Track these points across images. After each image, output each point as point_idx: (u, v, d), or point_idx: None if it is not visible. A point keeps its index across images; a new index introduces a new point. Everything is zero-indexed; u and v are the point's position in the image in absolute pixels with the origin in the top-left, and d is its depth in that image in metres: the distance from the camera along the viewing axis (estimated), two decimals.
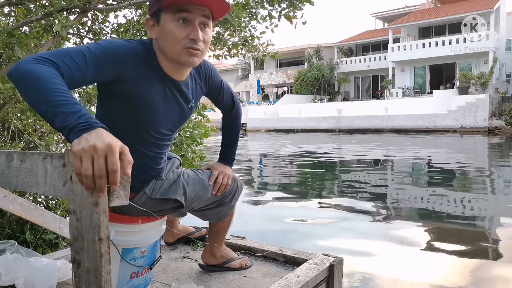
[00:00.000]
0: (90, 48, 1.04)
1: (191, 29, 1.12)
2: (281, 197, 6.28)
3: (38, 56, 0.92)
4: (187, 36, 1.12)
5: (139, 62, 1.14)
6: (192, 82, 1.32)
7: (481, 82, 22.09)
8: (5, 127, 2.56)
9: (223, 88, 1.50)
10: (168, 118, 1.27)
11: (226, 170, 1.54)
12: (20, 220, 2.34)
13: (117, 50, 1.09)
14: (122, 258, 1.27)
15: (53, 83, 0.85)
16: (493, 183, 7.33)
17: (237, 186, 1.58)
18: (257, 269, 1.71)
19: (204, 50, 1.18)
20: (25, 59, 0.90)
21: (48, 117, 0.83)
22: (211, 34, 1.19)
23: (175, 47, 1.13)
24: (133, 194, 1.29)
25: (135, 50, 1.13)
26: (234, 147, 1.66)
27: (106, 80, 1.10)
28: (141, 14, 2.88)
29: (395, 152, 12.87)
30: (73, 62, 0.97)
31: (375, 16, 34.38)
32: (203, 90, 1.40)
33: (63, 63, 0.94)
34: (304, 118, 26.21)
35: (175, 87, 1.24)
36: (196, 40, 1.13)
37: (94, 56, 1.02)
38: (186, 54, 1.14)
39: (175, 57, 1.16)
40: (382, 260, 3.44)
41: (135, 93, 1.15)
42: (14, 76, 0.88)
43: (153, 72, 1.17)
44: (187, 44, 1.13)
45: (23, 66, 0.88)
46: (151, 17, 1.17)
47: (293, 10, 2.89)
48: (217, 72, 1.46)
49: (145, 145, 1.26)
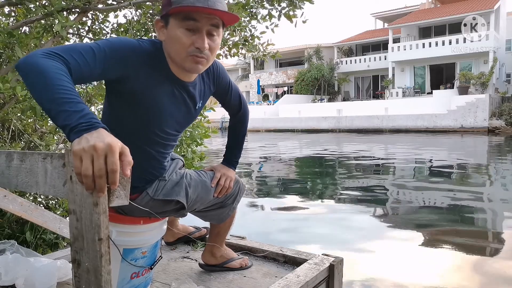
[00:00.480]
0: (99, 44, 1.04)
1: (198, 37, 1.11)
2: (281, 197, 6.29)
3: (48, 50, 0.92)
4: (192, 44, 1.12)
5: (148, 62, 1.14)
6: (200, 82, 1.32)
7: (481, 82, 22.09)
8: (5, 127, 2.56)
9: (231, 89, 1.48)
10: (175, 118, 1.27)
11: (229, 172, 1.53)
12: (20, 220, 2.34)
13: (126, 49, 1.09)
14: (123, 259, 1.27)
15: (59, 79, 0.85)
16: (494, 182, 7.33)
17: (239, 189, 1.57)
18: (257, 269, 1.71)
19: (210, 57, 1.17)
20: (35, 52, 0.91)
21: (51, 113, 0.83)
22: (219, 41, 1.18)
23: (180, 53, 1.13)
24: (135, 195, 1.29)
25: (145, 50, 1.14)
26: (239, 150, 1.63)
27: (113, 77, 1.11)
28: (141, 14, 2.87)
29: (395, 152, 12.88)
30: (82, 58, 0.98)
31: (375, 16, 34.38)
32: (211, 90, 1.40)
33: (72, 58, 0.95)
34: (304, 118, 26.21)
35: (183, 88, 1.24)
36: (201, 49, 1.12)
37: (103, 53, 1.03)
38: (190, 61, 1.14)
39: (180, 63, 1.16)
40: (382, 260, 3.44)
41: (143, 92, 1.16)
42: (21, 69, 0.88)
43: (161, 72, 1.18)
44: (192, 52, 1.12)
45: (31, 60, 0.88)
46: (161, 19, 1.17)
47: (293, 9, 2.89)
48: (225, 71, 1.44)
49: (151, 144, 1.27)
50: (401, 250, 3.70)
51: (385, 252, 3.66)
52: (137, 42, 1.14)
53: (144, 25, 2.85)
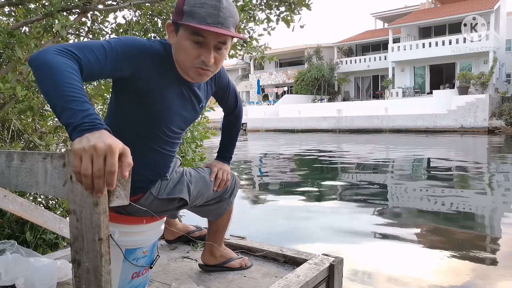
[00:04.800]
0: (111, 43, 1.06)
1: (205, 51, 1.13)
2: (281, 197, 6.28)
3: (60, 47, 0.93)
4: (199, 57, 1.13)
5: (157, 62, 1.16)
6: (204, 82, 1.35)
7: (481, 82, 22.09)
8: (5, 127, 2.55)
9: (230, 88, 1.53)
10: (181, 116, 1.30)
11: (225, 167, 1.59)
12: (20, 220, 2.34)
13: (137, 48, 1.11)
14: (125, 259, 1.28)
15: (68, 77, 0.86)
16: (494, 182, 7.32)
17: (235, 183, 1.62)
18: (257, 269, 1.71)
19: (215, 69, 1.19)
20: (48, 48, 0.92)
21: (56, 110, 0.84)
22: (226, 52, 1.19)
23: (186, 63, 1.15)
24: (140, 195, 1.31)
25: (155, 50, 1.16)
26: (232, 146, 1.69)
27: (123, 76, 1.12)
28: (140, 15, 2.87)
29: (396, 151, 12.87)
30: (94, 55, 0.99)
31: (375, 16, 34.39)
32: (212, 89, 1.43)
33: (84, 55, 0.97)
34: (304, 118, 26.21)
35: (189, 87, 1.27)
36: (206, 63, 1.14)
37: (114, 51, 1.05)
38: (194, 72, 1.17)
39: (185, 71, 1.19)
40: (382, 260, 3.44)
41: (153, 92, 1.17)
42: (33, 64, 0.89)
43: (169, 72, 1.20)
44: (197, 64, 1.14)
45: (43, 55, 0.89)
46: (172, 24, 1.17)
47: (291, 14, 2.91)
48: (225, 72, 1.48)
49: (157, 142, 1.28)
50: (401, 250, 3.70)
51: (385, 252, 3.66)
52: (148, 42, 1.16)
53: (144, 26, 2.85)
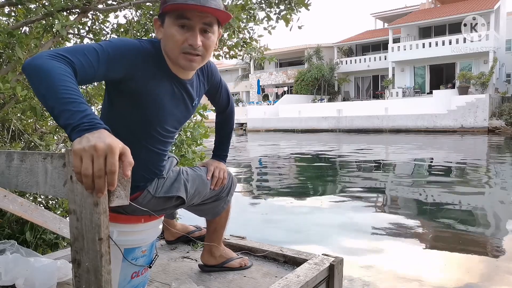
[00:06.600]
0: (102, 46, 1.07)
1: (191, 34, 1.15)
2: (281, 197, 6.28)
3: (53, 52, 0.94)
4: (186, 41, 1.15)
5: (148, 61, 1.17)
6: (196, 80, 1.36)
7: (481, 82, 22.09)
8: (5, 127, 2.55)
9: (222, 87, 1.54)
10: (174, 115, 1.30)
11: (221, 165, 1.60)
12: (20, 220, 2.34)
13: (128, 49, 1.12)
14: (124, 258, 1.28)
15: (63, 80, 0.86)
16: (493, 181, 7.32)
17: (232, 181, 1.63)
18: (257, 269, 1.71)
19: (205, 54, 1.20)
20: (41, 54, 0.92)
21: (54, 112, 0.84)
22: (214, 38, 1.20)
23: (174, 50, 1.16)
24: (137, 194, 1.31)
25: (145, 50, 1.16)
26: (227, 145, 1.71)
27: (116, 77, 1.13)
28: (141, 14, 2.87)
29: (396, 152, 12.87)
30: (87, 59, 1.00)
31: (375, 16, 34.38)
32: (205, 87, 1.44)
33: (77, 59, 0.97)
34: (304, 118, 26.20)
35: (182, 85, 1.28)
36: (194, 46, 1.15)
37: (106, 54, 1.05)
38: (183, 58, 1.17)
39: (175, 60, 1.19)
40: (383, 260, 3.44)
41: (144, 91, 1.18)
42: (27, 70, 0.90)
43: (161, 71, 1.20)
44: (185, 49, 1.15)
45: (37, 61, 0.89)
46: (158, 18, 1.20)
47: (290, 13, 2.92)
48: (217, 70, 1.49)
49: (151, 141, 1.29)
50: (401, 250, 3.70)
51: (385, 252, 3.66)
52: (138, 42, 1.17)
53: (144, 26, 2.86)
